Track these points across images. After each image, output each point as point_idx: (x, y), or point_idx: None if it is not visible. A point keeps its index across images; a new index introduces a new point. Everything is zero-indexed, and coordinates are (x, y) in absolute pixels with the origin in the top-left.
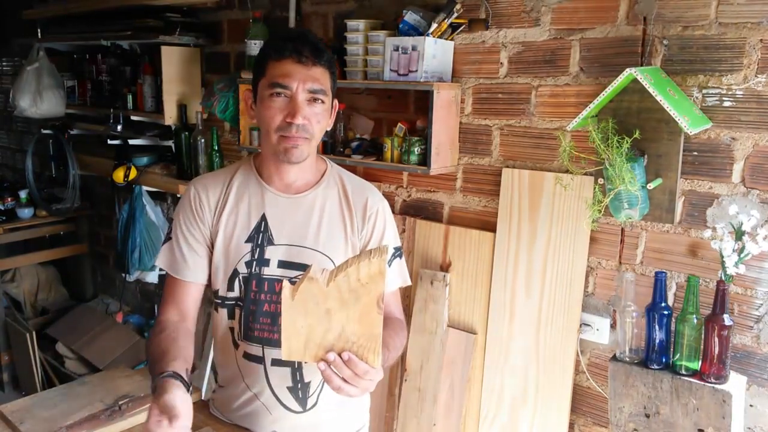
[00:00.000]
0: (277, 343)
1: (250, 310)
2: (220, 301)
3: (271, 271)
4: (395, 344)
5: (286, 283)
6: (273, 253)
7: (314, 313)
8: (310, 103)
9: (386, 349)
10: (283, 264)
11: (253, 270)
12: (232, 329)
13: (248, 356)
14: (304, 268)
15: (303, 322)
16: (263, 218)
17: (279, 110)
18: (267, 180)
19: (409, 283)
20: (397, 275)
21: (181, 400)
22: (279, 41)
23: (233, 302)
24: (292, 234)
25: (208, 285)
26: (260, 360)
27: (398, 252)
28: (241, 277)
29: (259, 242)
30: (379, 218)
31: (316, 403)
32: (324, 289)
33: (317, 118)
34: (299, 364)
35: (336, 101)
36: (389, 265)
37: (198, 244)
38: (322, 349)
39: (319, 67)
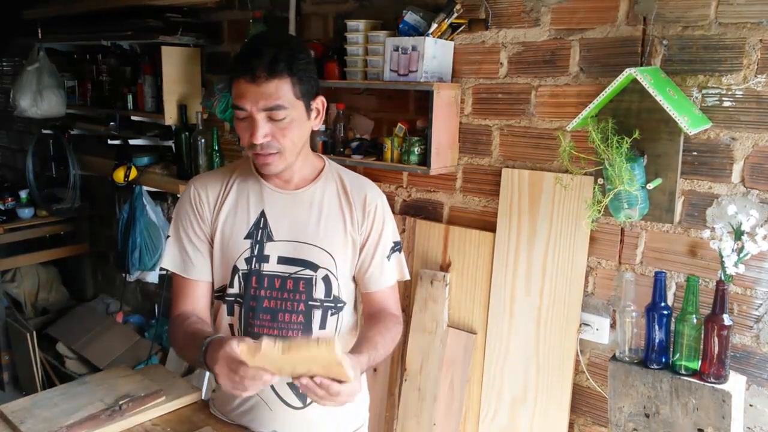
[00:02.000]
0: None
1: (250, 306)
2: (219, 298)
3: (271, 267)
4: (385, 342)
5: (242, 346)
6: (272, 249)
7: (277, 365)
8: (270, 120)
9: (374, 349)
10: (282, 260)
11: (252, 266)
12: (231, 326)
13: None
14: (303, 263)
15: (269, 368)
16: (262, 214)
17: (245, 129)
18: (266, 177)
19: (407, 277)
20: (396, 270)
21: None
22: (238, 56)
23: (233, 299)
24: (291, 230)
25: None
26: None
27: (398, 246)
28: (240, 274)
29: (259, 239)
30: (378, 213)
31: None
32: (281, 356)
33: (282, 133)
34: None
35: (321, 99)
36: (389, 260)
37: (201, 242)
38: (294, 378)
39: (275, 80)
